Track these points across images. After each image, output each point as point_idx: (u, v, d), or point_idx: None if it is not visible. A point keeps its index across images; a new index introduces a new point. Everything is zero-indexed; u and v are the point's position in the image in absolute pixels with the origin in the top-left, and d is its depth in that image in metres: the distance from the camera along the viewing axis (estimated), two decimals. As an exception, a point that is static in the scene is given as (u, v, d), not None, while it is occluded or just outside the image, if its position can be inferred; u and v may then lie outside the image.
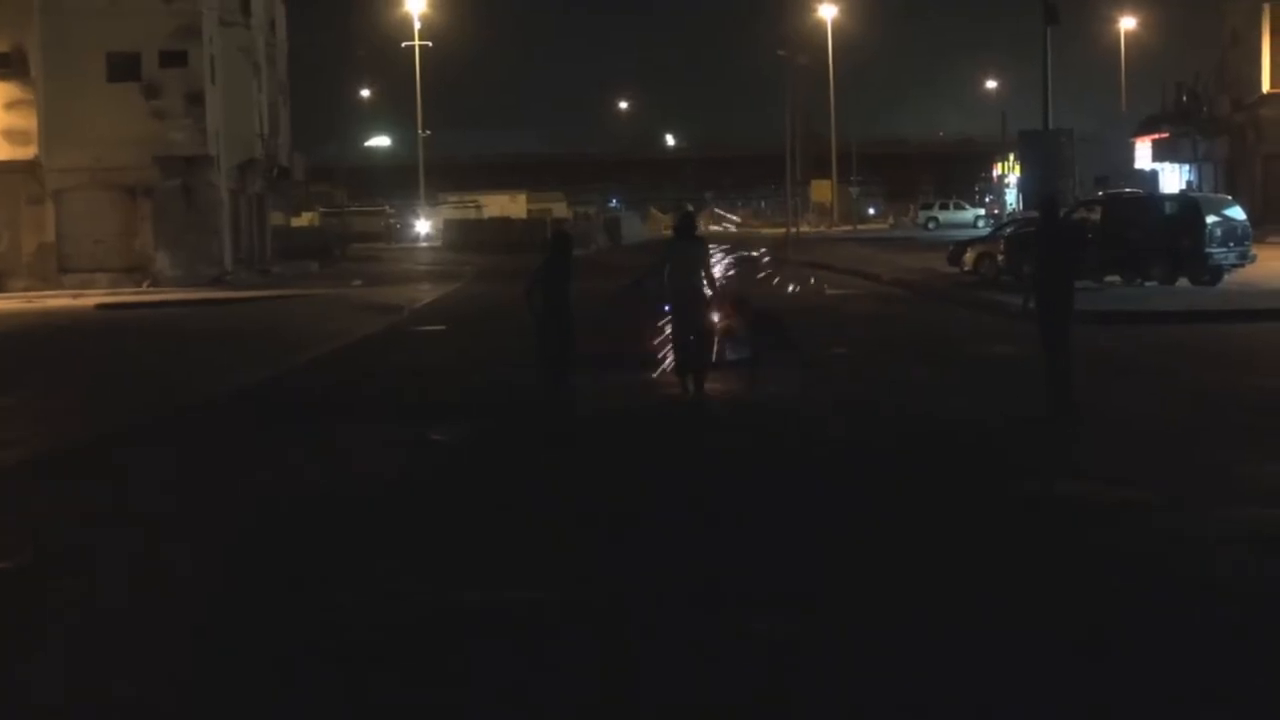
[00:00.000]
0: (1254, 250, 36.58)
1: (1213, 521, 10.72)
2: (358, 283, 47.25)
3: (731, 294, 20.43)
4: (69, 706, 7.47)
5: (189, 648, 8.39)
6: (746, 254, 35.75)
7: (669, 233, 18.16)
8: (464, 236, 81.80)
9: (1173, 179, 70.86)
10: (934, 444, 14.53)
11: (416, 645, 8.15)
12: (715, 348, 18.46)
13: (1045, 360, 15.68)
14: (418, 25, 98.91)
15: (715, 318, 18.49)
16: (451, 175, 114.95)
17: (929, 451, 14.07)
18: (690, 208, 18.72)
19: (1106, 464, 13.11)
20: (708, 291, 17.69)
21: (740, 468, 13.38)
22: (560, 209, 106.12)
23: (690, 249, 17.86)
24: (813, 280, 41.10)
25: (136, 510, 12.28)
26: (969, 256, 41.26)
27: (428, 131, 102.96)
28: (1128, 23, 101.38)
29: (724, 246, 25.60)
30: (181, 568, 10.20)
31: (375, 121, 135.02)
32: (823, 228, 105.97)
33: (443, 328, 30.37)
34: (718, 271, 20.28)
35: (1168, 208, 37.17)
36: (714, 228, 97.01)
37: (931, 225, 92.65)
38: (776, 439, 14.99)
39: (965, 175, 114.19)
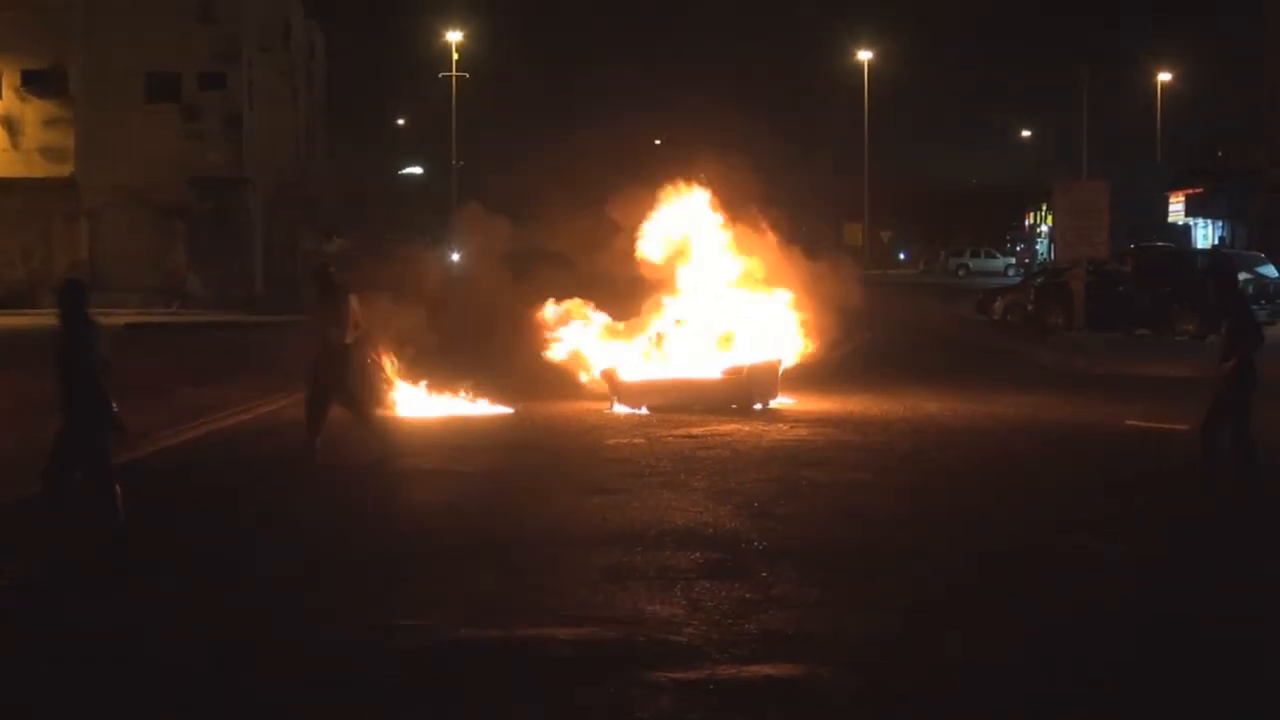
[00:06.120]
0: (1286, 308, 36.46)
1: None
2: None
3: None
4: None
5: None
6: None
7: None
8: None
9: (1206, 234, 70.50)
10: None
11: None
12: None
13: (1239, 439, 13.69)
14: (455, 56, 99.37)
15: None
16: (488, 206, 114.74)
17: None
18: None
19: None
20: None
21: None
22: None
23: None
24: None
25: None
26: (998, 305, 41.16)
27: (461, 162, 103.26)
28: (1164, 76, 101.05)
29: None
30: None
31: (410, 150, 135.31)
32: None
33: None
34: None
35: (1199, 263, 37.09)
36: None
37: (961, 272, 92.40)
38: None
39: (997, 223, 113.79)
